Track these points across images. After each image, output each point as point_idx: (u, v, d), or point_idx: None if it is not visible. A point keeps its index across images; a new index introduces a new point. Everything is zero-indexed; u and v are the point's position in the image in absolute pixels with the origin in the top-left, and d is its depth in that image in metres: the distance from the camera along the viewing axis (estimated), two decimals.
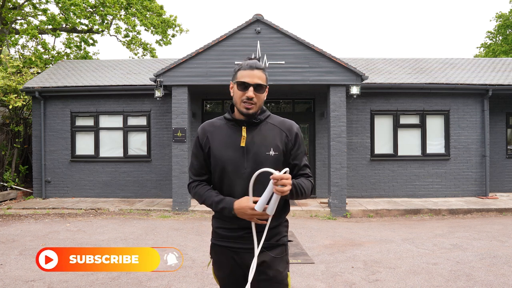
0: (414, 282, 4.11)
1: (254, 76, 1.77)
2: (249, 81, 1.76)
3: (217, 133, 1.86)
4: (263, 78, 1.80)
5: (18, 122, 10.64)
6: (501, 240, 5.93)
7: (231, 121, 1.85)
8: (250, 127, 1.82)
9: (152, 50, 19.13)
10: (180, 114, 8.64)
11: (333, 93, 8.55)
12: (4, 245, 5.64)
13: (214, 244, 1.92)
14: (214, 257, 1.92)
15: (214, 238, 1.92)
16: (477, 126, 9.90)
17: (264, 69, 1.82)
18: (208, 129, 1.88)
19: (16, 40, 15.20)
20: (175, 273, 4.39)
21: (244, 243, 1.81)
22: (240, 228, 1.81)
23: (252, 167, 1.75)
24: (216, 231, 1.92)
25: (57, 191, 10.04)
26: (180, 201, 8.55)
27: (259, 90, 1.78)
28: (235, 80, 1.82)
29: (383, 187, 9.87)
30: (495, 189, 10.28)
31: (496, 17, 22.64)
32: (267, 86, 1.83)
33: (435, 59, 12.15)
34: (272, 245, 1.83)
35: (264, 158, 1.76)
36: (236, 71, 1.83)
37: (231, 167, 1.78)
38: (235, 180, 1.78)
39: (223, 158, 1.79)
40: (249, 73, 1.77)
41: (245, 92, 1.76)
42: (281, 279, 1.82)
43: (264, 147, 1.78)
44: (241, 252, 1.82)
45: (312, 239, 6.10)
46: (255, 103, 1.77)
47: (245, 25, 8.46)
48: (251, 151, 1.78)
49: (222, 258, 1.87)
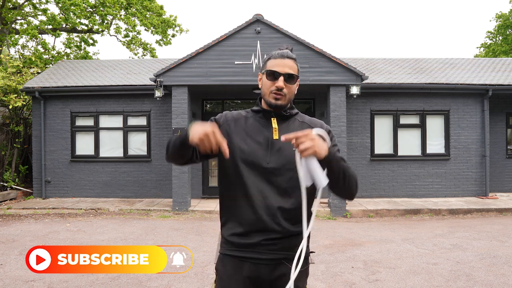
0: (414, 282, 4.11)
1: (285, 66, 1.63)
2: (280, 70, 1.62)
3: (241, 122, 1.68)
4: (294, 68, 1.65)
5: (18, 122, 10.64)
6: (501, 240, 5.93)
7: (260, 112, 1.69)
8: (279, 119, 1.67)
9: (152, 50, 19.14)
10: (180, 114, 8.64)
11: (333, 93, 8.55)
12: (4, 245, 5.64)
13: (224, 255, 1.64)
14: (221, 270, 1.64)
15: (224, 249, 1.65)
16: (477, 126, 9.90)
17: (296, 59, 1.68)
18: (230, 116, 1.71)
19: (16, 40, 15.21)
20: (175, 273, 4.39)
21: (262, 253, 1.57)
22: (256, 231, 1.56)
23: (276, 162, 1.58)
24: (227, 239, 1.63)
25: (57, 191, 10.04)
26: (180, 201, 8.55)
27: (290, 80, 1.63)
28: (264, 69, 1.67)
29: (383, 187, 9.87)
30: (495, 189, 10.28)
31: (496, 17, 22.64)
32: (298, 78, 1.67)
33: (435, 59, 12.15)
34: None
35: (290, 154, 1.55)
36: (266, 60, 1.68)
37: (253, 159, 1.59)
38: (254, 174, 1.58)
39: (244, 148, 1.60)
40: (280, 61, 1.63)
41: (274, 82, 1.62)
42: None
43: (291, 143, 1.55)
44: (259, 264, 1.58)
45: (312, 239, 6.07)
46: (285, 95, 1.62)
47: (245, 25, 8.46)
48: (277, 145, 1.61)
49: (231, 271, 1.60)
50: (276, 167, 1.57)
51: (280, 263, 1.58)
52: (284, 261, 1.58)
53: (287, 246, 1.57)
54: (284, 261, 1.58)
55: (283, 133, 1.55)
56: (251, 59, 8.47)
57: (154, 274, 4.34)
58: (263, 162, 1.58)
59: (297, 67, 1.67)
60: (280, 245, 1.56)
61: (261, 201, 1.56)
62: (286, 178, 1.57)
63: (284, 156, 1.58)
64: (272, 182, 1.57)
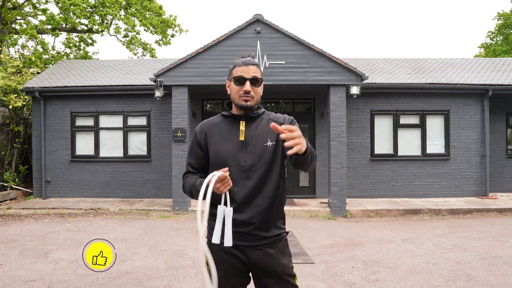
0: (414, 282, 4.11)
1: (250, 71, 1.82)
2: (246, 75, 1.81)
3: (215, 129, 1.89)
4: (258, 72, 1.85)
5: (18, 122, 10.64)
6: (501, 240, 5.93)
7: (229, 117, 1.89)
8: (248, 121, 1.87)
9: (152, 50, 19.14)
10: (180, 114, 8.64)
11: (333, 93, 8.55)
12: (4, 245, 5.64)
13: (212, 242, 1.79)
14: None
15: (211, 236, 1.81)
16: (477, 126, 9.90)
17: (258, 65, 1.88)
18: (206, 127, 1.92)
19: (16, 40, 15.20)
20: (175, 273, 4.39)
21: (251, 241, 1.79)
22: (242, 223, 1.77)
23: (252, 159, 1.79)
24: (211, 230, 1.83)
25: (57, 191, 10.04)
26: (180, 201, 8.55)
27: (256, 83, 1.83)
28: (231, 77, 1.87)
29: (383, 187, 9.87)
30: (495, 189, 10.28)
31: (497, 15, 22.61)
32: (262, 80, 1.89)
33: (435, 59, 12.15)
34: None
35: (262, 149, 1.81)
36: (231, 69, 1.89)
37: (232, 161, 1.80)
38: (237, 174, 1.79)
39: (222, 153, 1.82)
40: (245, 68, 1.83)
41: (242, 87, 1.81)
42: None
43: (261, 139, 1.82)
44: (248, 249, 1.80)
45: (312, 239, 6.10)
46: (253, 96, 1.82)
47: (245, 25, 8.46)
48: (250, 144, 1.82)
49: (220, 255, 1.77)
50: (252, 164, 1.78)
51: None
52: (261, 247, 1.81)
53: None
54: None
55: (252, 132, 1.82)
56: None
57: (154, 274, 4.34)
58: (241, 162, 1.80)
59: (261, 72, 1.89)
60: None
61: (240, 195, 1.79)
62: (260, 173, 1.78)
63: (258, 154, 1.79)
64: (250, 178, 1.79)
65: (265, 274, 1.81)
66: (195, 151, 1.93)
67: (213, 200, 1.71)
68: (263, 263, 1.80)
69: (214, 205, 1.78)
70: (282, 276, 1.81)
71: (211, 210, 1.81)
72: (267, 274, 1.81)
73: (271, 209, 1.82)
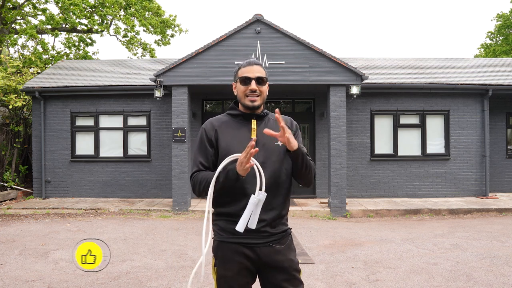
0: (414, 282, 4.11)
1: (255, 71, 1.89)
2: (251, 75, 1.88)
3: (225, 127, 1.91)
4: (263, 72, 1.92)
5: (18, 122, 10.64)
6: (501, 240, 5.93)
7: (239, 116, 1.93)
8: (258, 120, 1.92)
9: (151, 50, 19.13)
10: (180, 114, 8.64)
11: (333, 93, 8.55)
12: (4, 245, 5.64)
13: (221, 242, 1.85)
14: (220, 255, 1.86)
15: (221, 236, 1.86)
16: (477, 126, 9.90)
17: (262, 65, 1.95)
18: (216, 124, 1.93)
19: (16, 40, 15.19)
20: (175, 273, 4.39)
21: (260, 238, 1.81)
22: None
23: (263, 156, 1.82)
24: (224, 228, 1.85)
25: (57, 191, 10.04)
26: (180, 201, 8.55)
27: (261, 82, 1.89)
28: (237, 78, 1.94)
29: (383, 187, 9.87)
30: (495, 189, 10.29)
31: (497, 16, 22.63)
32: (267, 79, 1.95)
33: (435, 59, 12.15)
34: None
35: (273, 149, 1.85)
36: (237, 70, 1.95)
37: None
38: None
39: (234, 150, 1.80)
40: (249, 68, 1.90)
41: (248, 86, 1.87)
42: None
43: (272, 138, 1.83)
44: (258, 247, 1.82)
45: (312, 239, 6.10)
46: (259, 95, 1.89)
47: (245, 25, 8.46)
48: (261, 142, 1.84)
49: (230, 255, 1.83)
50: (263, 162, 1.79)
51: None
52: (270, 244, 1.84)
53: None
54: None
55: (261, 132, 1.82)
56: None
57: (154, 274, 4.34)
58: (252, 159, 1.77)
59: (265, 71, 1.94)
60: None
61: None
62: (271, 170, 1.81)
63: (269, 153, 1.83)
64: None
65: (274, 271, 1.84)
66: (205, 148, 1.89)
67: (229, 190, 1.77)
68: (272, 260, 1.83)
69: (222, 204, 1.83)
70: (290, 271, 1.85)
71: (218, 210, 1.87)
72: (276, 271, 1.84)
73: (282, 206, 1.88)
